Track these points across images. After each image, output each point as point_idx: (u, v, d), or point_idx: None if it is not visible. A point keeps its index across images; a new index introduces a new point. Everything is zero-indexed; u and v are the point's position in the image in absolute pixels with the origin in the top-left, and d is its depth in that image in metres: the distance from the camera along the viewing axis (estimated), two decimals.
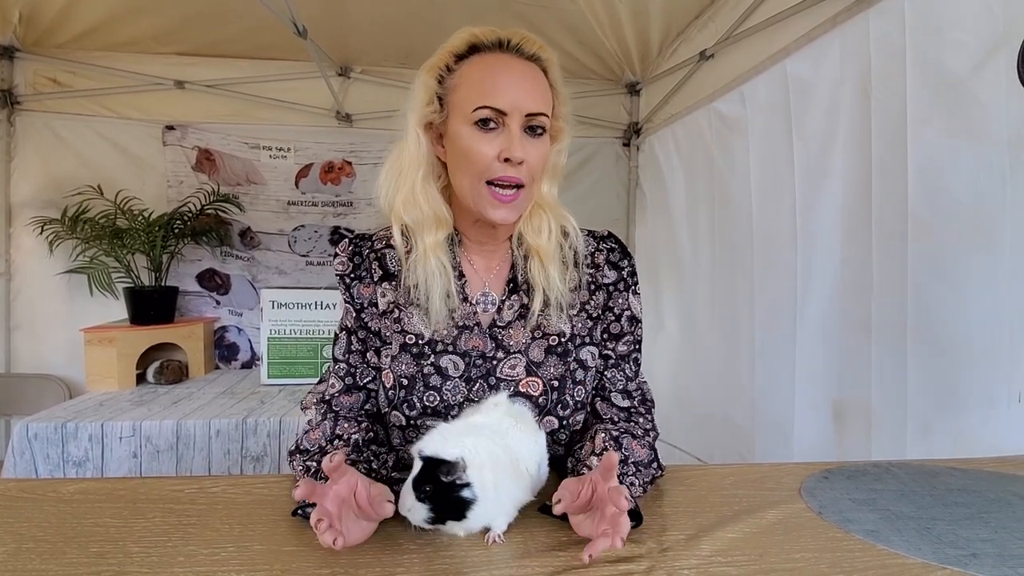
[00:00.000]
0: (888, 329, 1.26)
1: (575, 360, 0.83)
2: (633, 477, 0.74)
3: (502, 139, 0.75)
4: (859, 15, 1.35)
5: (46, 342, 2.46)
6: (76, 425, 1.77)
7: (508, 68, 0.77)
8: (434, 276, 0.79)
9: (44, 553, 0.59)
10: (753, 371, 1.74)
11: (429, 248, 0.80)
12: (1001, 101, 0.86)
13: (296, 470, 0.79)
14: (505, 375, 0.81)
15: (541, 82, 0.79)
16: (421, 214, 0.80)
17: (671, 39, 2.31)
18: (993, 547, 0.64)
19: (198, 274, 2.60)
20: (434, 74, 0.80)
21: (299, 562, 0.59)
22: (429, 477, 0.61)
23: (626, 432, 0.81)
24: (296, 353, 2.30)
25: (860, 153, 1.35)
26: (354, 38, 2.39)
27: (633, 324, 0.88)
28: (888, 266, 1.27)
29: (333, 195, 2.67)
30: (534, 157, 0.77)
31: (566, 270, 0.84)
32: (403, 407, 0.80)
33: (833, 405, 1.42)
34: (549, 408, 0.81)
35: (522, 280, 0.85)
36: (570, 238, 0.85)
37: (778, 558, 0.62)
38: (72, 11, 2.17)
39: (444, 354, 0.81)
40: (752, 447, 1.73)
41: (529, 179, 0.78)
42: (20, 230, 2.41)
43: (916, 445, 1.20)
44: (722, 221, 1.97)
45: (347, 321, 0.87)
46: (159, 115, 2.51)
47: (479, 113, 0.75)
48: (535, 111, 0.76)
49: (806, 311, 1.52)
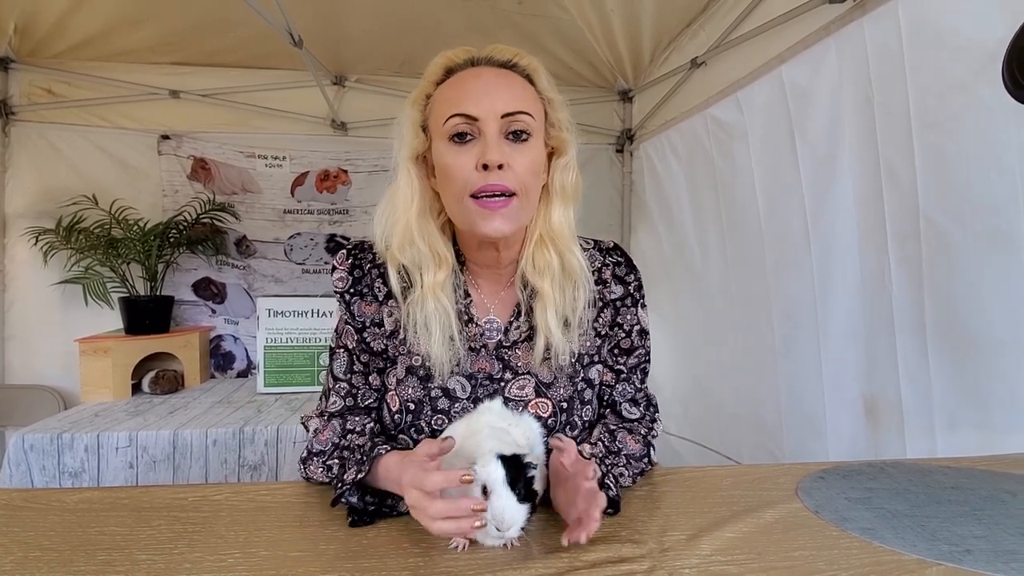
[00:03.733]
0: (909, 327, 1.28)
1: (583, 380, 0.83)
2: (623, 468, 0.76)
3: (479, 148, 0.71)
4: (853, 23, 1.37)
5: (40, 353, 2.44)
6: (72, 436, 1.76)
7: (477, 76, 0.74)
8: (433, 319, 0.76)
9: (51, 562, 0.60)
10: (777, 371, 1.75)
11: (428, 289, 0.76)
12: (1008, 104, 0.88)
13: (316, 474, 0.78)
14: (514, 395, 0.80)
15: (518, 85, 0.75)
16: (419, 253, 0.77)
17: (663, 47, 2.34)
18: (986, 543, 0.65)
19: (194, 283, 2.59)
20: (417, 106, 0.78)
21: (305, 567, 0.60)
22: (516, 475, 0.59)
23: (623, 428, 0.83)
24: (293, 361, 2.29)
25: (867, 156, 1.37)
26: (349, 47, 2.41)
27: (643, 337, 0.87)
28: (904, 266, 1.28)
29: (329, 203, 2.68)
30: (520, 163, 0.72)
31: (574, 314, 0.79)
32: (410, 431, 0.80)
33: (864, 401, 1.43)
34: (558, 429, 0.80)
35: (526, 309, 0.82)
36: (579, 278, 0.79)
37: (776, 556, 0.63)
38: (67, 22, 2.17)
39: (452, 376, 0.80)
40: (782, 445, 1.74)
41: (519, 187, 0.72)
42: (15, 241, 2.40)
43: (945, 442, 1.21)
44: (730, 225, 1.98)
45: (347, 340, 0.83)
46: (154, 125, 2.51)
47: (451, 124, 0.72)
48: (510, 110, 0.71)
49: (828, 310, 1.53)
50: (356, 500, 0.69)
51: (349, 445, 0.77)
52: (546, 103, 0.77)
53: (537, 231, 0.79)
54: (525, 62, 0.77)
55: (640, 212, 2.76)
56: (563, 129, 0.78)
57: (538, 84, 0.77)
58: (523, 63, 0.76)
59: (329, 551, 0.63)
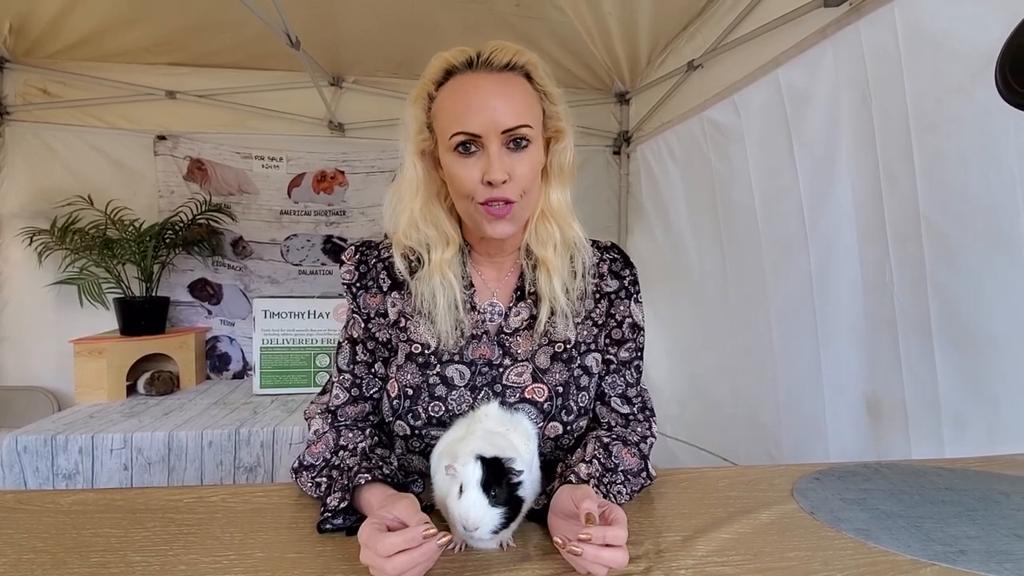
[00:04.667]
0: (913, 327, 1.28)
1: (580, 366, 0.84)
2: (621, 486, 0.75)
3: (484, 161, 0.75)
4: (849, 26, 1.38)
5: (35, 354, 2.43)
6: (66, 438, 1.75)
7: (478, 89, 0.75)
8: (439, 290, 0.80)
9: (45, 564, 0.59)
10: (775, 372, 1.75)
11: (435, 265, 0.81)
12: (1005, 106, 0.88)
13: (305, 487, 0.78)
14: (511, 382, 0.81)
15: (518, 92, 0.77)
16: (425, 236, 0.82)
17: (659, 49, 2.35)
18: (980, 544, 0.66)
19: (190, 284, 2.58)
20: (420, 104, 0.80)
21: (302, 569, 0.60)
22: (494, 479, 0.59)
23: (618, 439, 0.81)
24: (289, 363, 2.29)
25: (866, 158, 1.37)
26: (346, 48, 2.41)
27: (635, 331, 0.88)
28: (906, 266, 1.29)
29: (326, 204, 2.68)
30: (521, 172, 0.76)
31: (573, 280, 0.84)
32: (407, 417, 0.80)
33: (867, 403, 1.43)
34: (553, 413, 0.81)
35: (529, 289, 0.85)
36: (578, 248, 0.85)
37: (772, 557, 0.63)
38: (63, 22, 2.16)
39: (450, 364, 0.81)
40: (780, 446, 1.74)
41: (518, 193, 0.77)
42: (9, 241, 2.39)
43: (952, 442, 1.21)
44: (727, 226, 1.99)
45: (353, 331, 0.86)
46: (150, 125, 2.50)
47: (455, 140, 0.75)
48: (511, 126, 0.74)
49: (827, 311, 1.54)
50: (341, 521, 0.69)
51: (340, 464, 0.77)
52: (543, 97, 0.80)
53: (539, 208, 0.83)
54: (524, 60, 0.78)
55: (637, 214, 2.77)
56: (560, 119, 0.81)
57: (535, 79, 0.79)
58: (521, 62, 0.78)
59: (326, 553, 0.63)
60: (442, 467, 0.63)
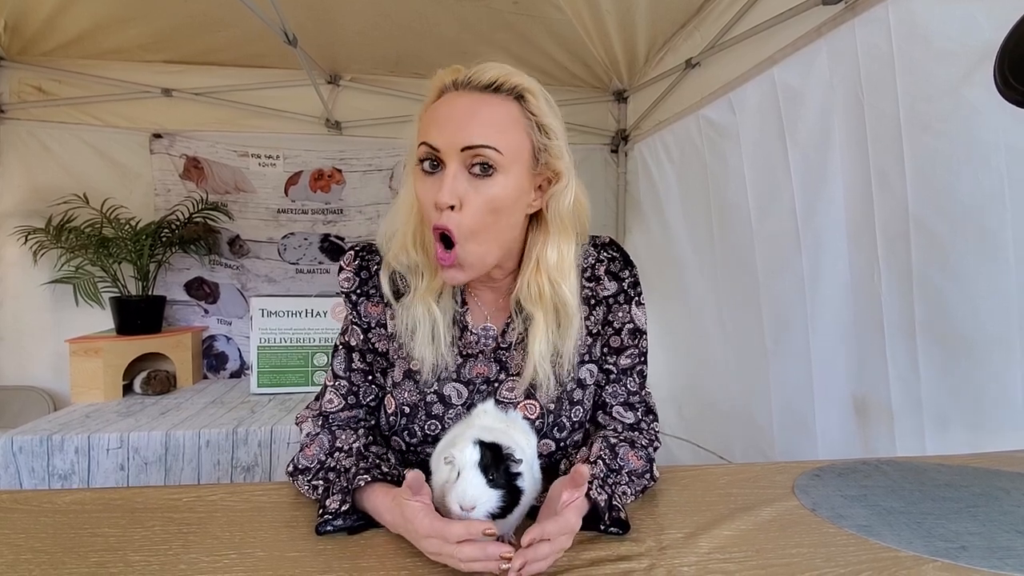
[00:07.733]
0: (899, 327, 1.29)
1: (573, 380, 0.81)
2: (626, 487, 0.74)
3: (440, 181, 0.68)
4: (844, 25, 1.38)
5: (30, 353, 2.41)
6: (62, 438, 1.74)
7: (451, 103, 0.70)
8: (420, 323, 0.76)
9: (43, 564, 0.59)
10: (768, 371, 1.76)
11: (418, 295, 0.76)
12: (996, 107, 0.88)
13: (302, 490, 0.77)
14: (504, 397, 0.80)
15: (495, 113, 0.69)
16: (410, 261, 0.77)
17: (657, 48, 2.35)
18: (982, 540, 0.66)
19: (186, 283, 2.57)
20: (417, 123, 0.76)
21: (303, 568, 0.59)
22: (493, 463, 0.58)
23: (625, 442, 0.80)
24: (286, 362, 2.28)
25: (857, 158, 1.37)
26: (344, 46, 2.40)
27: (636, 336, 0.84)
28: (894, 267, 1.29)
29: (323, 203, 2.67)
30: (475, 203, 0.67)
31: (563, 343, 0.78)
32: (403, 434, 0.80)
33: (854, 402, 1.44)
34: (545, 431, 0.80)
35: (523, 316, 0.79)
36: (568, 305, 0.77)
37: (774, 554, 0.63)
38: (58, 20, 2.14)
39: (448, 382, 0.80)
40: (773, 444, 1.75)
41: (466, 231, 0.68)
42: (4, 240, 2.36)
43: (934, 441, 1.21)
44: (721, 226, 1.99)
45: (351, 338, 0.83)
46: (146, 123, 2.49)
47: (419, 153, 0.70)
48: (471, 143, 0.66)
49: (817, 311, 1.54)
50: (342, 523, 0.67)
51: (335, 466, 0.76)
52: (537, 128, 0.71)
53: (534, 256, 0.76)
54: (515, 82, 0.70)
55: (635, 212, 2.77)
56: (557, 157, 0.73)
57: (529, 106, 0.71)
58: (511, 83, 0.70)
59: (327, 551, 0.63)
60: (441, 462, 0.63)
